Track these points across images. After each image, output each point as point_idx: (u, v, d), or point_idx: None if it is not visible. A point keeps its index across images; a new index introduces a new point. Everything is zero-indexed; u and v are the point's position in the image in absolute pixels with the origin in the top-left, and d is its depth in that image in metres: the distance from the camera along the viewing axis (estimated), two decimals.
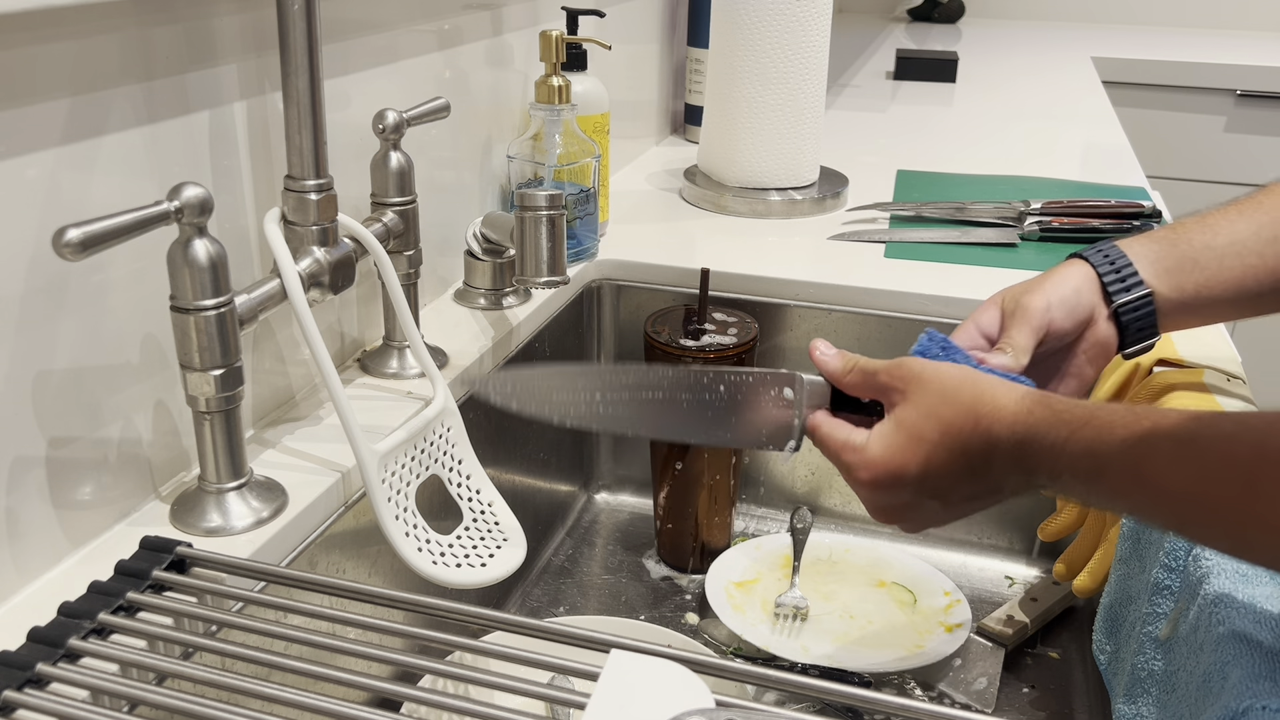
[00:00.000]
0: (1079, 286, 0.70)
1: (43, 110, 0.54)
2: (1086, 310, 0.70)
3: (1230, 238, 0.69)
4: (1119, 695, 0.71)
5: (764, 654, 0.86)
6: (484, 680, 0.45)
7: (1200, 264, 0.69)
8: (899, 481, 0.61)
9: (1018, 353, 0.67)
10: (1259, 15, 2.74)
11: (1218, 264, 0.69)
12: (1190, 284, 0.70)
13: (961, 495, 0.61)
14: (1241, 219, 0.70)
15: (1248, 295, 0.69)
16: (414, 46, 0.86)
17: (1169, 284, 0.70)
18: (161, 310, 0.60)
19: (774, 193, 1.22)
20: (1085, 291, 0.71)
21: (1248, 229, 0.69)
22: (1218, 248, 0.69)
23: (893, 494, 0.62)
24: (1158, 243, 0.71)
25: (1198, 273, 0.70)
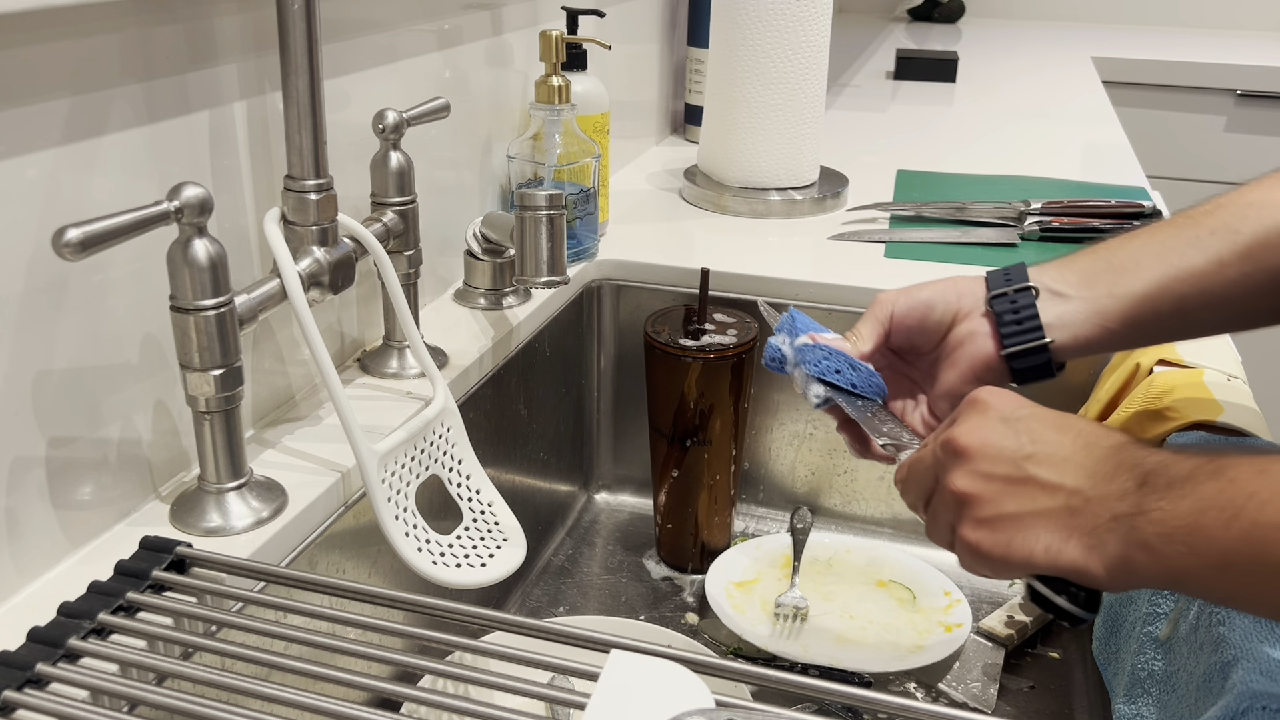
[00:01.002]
0: (949, 286, 0.68)
1: (43, 110, 0.54)
2: (944, 308, 0.67)
3: (1148, 240, 0.64)
4: (1119, 695, 0.71)
5: (764, 654, 0.86)
6: (484, 680, 0.45)
7: (1114, 266, 0.64)
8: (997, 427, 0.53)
9: (858, 339, 0.67)
10: (1259, 15, 2.74)
11: (1133, 263, 0.64)
12: (1102, 284, 0.64)
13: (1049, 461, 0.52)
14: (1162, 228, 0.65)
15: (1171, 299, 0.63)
16: (414, 46, 0.86)
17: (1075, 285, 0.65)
18: (161, 310, 0.60)
19: (774, 193, 1.22)
20: (953, 291, 0.67)
21: (1168, 233, 0.64)
22: (1132, 249, 0.64)
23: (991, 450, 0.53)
24: (1070, 257, 0.67)
25: (1110, 273, 0.64)
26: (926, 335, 0.68)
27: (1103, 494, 0.49)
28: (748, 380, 0.95)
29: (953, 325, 0.67)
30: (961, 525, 0.53)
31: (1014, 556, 0.51)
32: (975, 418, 0.54)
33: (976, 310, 0.66)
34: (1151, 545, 0.47)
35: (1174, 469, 0.48)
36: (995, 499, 0.52)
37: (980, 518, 0.52)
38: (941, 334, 0.67)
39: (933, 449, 0.56)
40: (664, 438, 0.96)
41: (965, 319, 0.66)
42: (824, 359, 0.65)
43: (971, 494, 0.53)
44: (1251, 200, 0.63)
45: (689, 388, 0.93)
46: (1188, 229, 0.63)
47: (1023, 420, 0.53)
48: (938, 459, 0.55)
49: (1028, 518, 0.51)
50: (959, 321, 0.67)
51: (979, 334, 0.65)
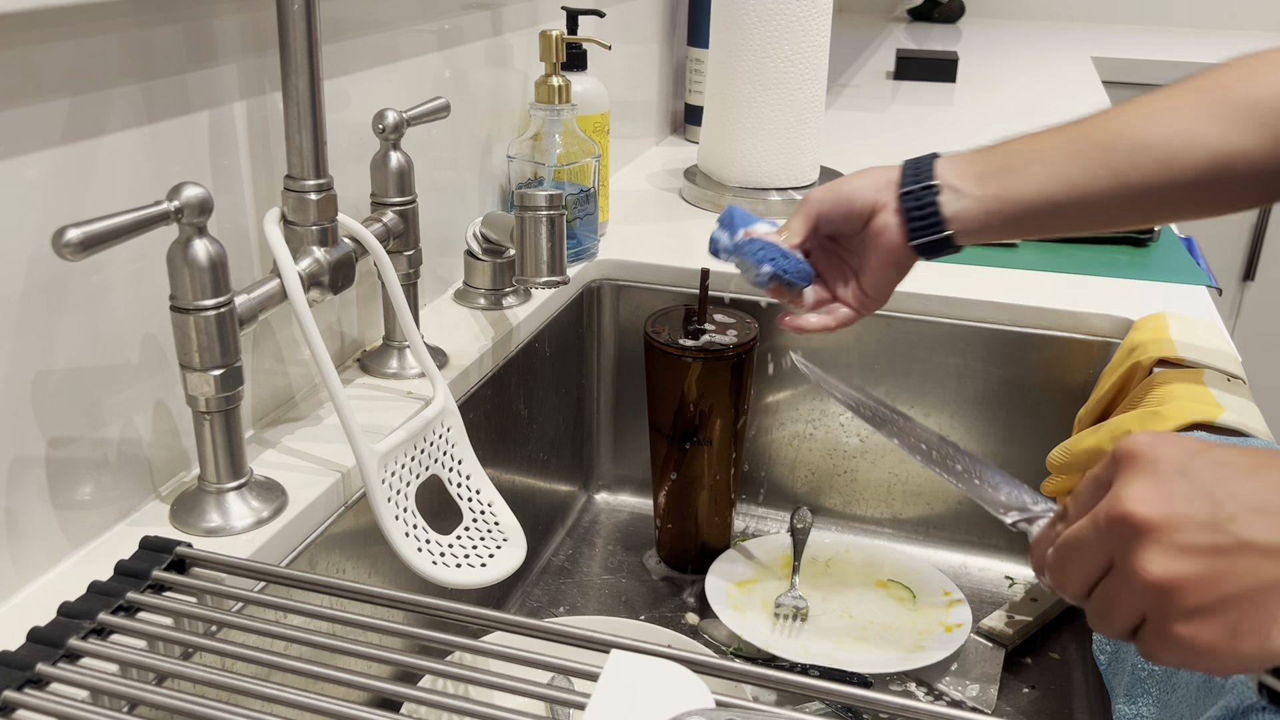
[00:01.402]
0: (869, 178, 0.75)
1: (43, 110, 0.54)
2: (864, 200, 0.74)
3: (1039, 147, 0.71)
4: (1119, 695, 0.71)
5: (764, 654, 0.86)
6: (484, 680, 0.45)
7: (1006, 169, 0.71)
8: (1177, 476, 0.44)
9: (790, 233, 0.76)
10: (1259, 15, 2.74)
11: (1021, 168, 0.70)
12: (992, 185, 0.71)
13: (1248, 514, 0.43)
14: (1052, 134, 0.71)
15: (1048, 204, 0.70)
16: (414, 46, 0.86)
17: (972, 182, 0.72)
18: (161, 310, 0.60)
19: (774, 193, 1.22)
20: (871, 184, 0.74)
21: (1054, 142, 0.70)
22: (1025, 156, 0.71)
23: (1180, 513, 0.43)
24: (977, 150, 0.74)
25: (1002, 175, 0.71)
26: (850, 224, 0.75)
27: None
28: (748, 380, 0.95)
29: (871, 216, 0.74)
30: (1165, 620, 0.43)
31: (1245, 648, 0.42)
32: (1144, 479, 0.44)
33: (890, 204, 0.73)
34: None
35: None
36: (1207, 582, 0.42)
37: (1189, 607, 0.42)
38: (862, 223, 0.75)
39: (1093, 523, 0.46)
40: (664, 438, 0.96)
41: (881, 211, 0.74)
42: (760, 250, 0.75)
43: (1175, 580, 0.42)
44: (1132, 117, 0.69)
45: (689, 388, 0.93)
46: (1074, 140, 0.70)
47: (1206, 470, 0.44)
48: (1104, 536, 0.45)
49: (1255, 595, 0.41)
50: (876, 213, 0.74)
51: (891, 226, 0.73)
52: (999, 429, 1.01)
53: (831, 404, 1.04)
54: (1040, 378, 0.98)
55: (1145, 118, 0.69)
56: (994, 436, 1.01)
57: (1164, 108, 0.69)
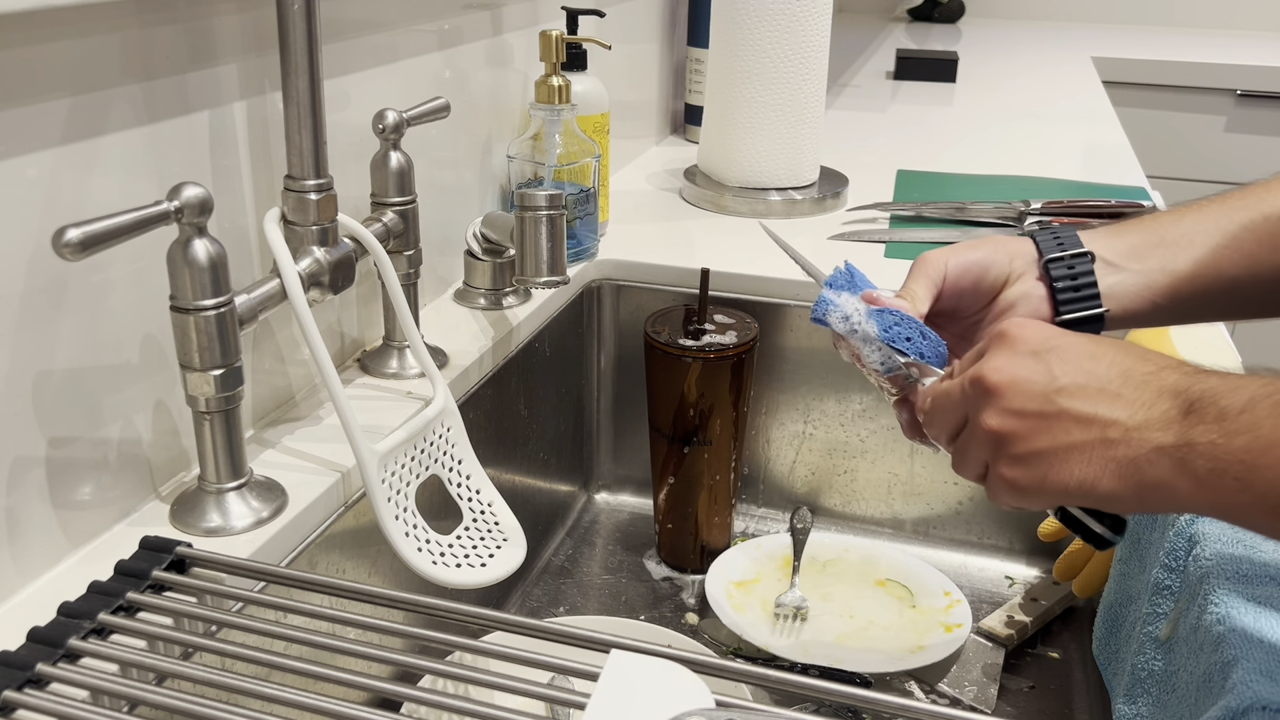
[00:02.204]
0: (1001, 246, 0.66)
1: (43, 110, 0.54)
2: (998, 270, 0.65)
3: (1200, 218, 0.65)
4: (1119, 695, 0.71)
5: (764, 654, 0.86)
6: (484, 680, 0.45)
7: (1165, 241, 0.64)
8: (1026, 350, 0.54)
9: (914, 300, 0.64)
10: (1259, 15, 2.74)
11: (1186, 241, 0.64)
12: (1154, 258, 0.64)
13: (1077, 387, 0.51)
14: (1213, 205, 0.65)
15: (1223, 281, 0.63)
16: (414, 46, 0.86)
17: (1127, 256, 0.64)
18: (161, 310, 0.60)
19: (774, 193, 1.22)
20: (1003, 253, 0.66)
21: (1220, 212, 0.64)
22: (1185, 227, 0.65)
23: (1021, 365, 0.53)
24: (1118, 225, 0.67)
25: (1163, 248, 0.64)
26: (978, 297, 0.66)
27: (1142, 423, 0.49)
28: (748, 380, 0.95)
29: (1004, 288, 0.65)
30: (996, 463, 0.53)
31: (1048, 490, 0.52)
32: (1004, 353, 0.54)
33: (1029, 273, 0.65)
34: (1200, 477, 0.46)
35: (1226, 399, 0.47)
36: (1028, 436, 0.52)
37: (1014, 454, 0.52)
38: (992, 296, 0.66)
39: (960, 384, 0.55)
40: (664, 438, 0.96)
41: (1018, 281, 0.65)
42: (894, 325, 0.61)
43: (1004, 432, 0.52)
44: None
45: (689, 388, 0.93)
46: (1241, 210, 0.63)
47: (1053, 352, 0.53)
48: (966, 395, 0.55)
49: (1062, 451, 0.51)
50: (1011, 284, 0.65)
51: (1033, 297, 0.64)
52: None
53: (831, 404, 1.04)
54: None
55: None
56: None
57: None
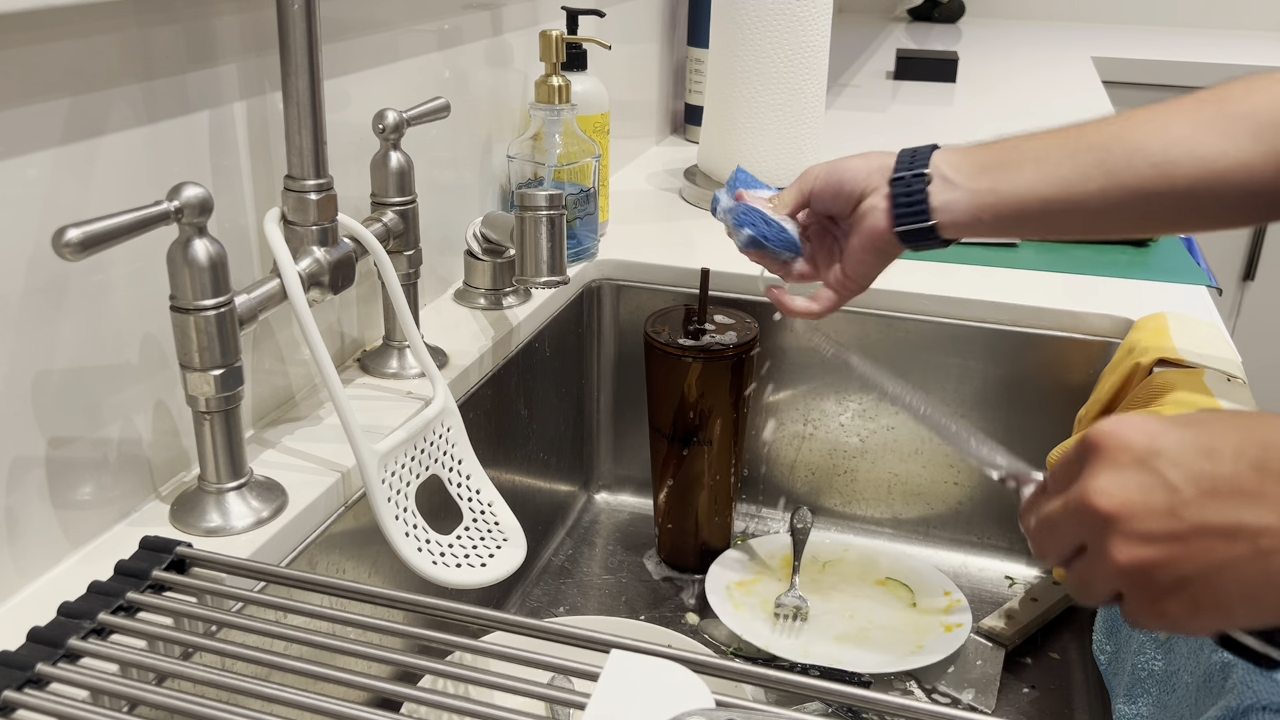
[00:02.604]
0: (865, 161, 0.74)
1: (43, 110, 0.54)
2: (855, 181, 0.74)
3: (1037, 145, 0.70)
4: (1119, 695, 0.71)
5: (764, 654, 0.86)
6: (484, 680, 0.45)
7: (1003, 163, 0.70)
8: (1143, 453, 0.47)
9: (780, 202, 0.77)
10: (1259, 15, 2.74)
11: (1016, 165, 0.69)
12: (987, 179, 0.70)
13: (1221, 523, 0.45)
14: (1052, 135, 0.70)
15: (1037, 202, 0.69)
16: (414, 46, 0.86)
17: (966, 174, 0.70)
18: (161, 310, 0.60)
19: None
20: (865, 167, 0.74)
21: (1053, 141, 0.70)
22: (1022, 152, 0.70)
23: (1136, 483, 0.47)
24: (978, 145, 0.73)
25: (998, 170, 0.70)
26: (840, 204, 0.75)
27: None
28: (748, 380, 0.95)
29: (861, 198, 0.74)
30: (1140, 597, 0.47)
31: (1205, 618, 0.45)
32: (1105, 470, 0.47)
33: (880, 189, 0.73)
34: None
35: None
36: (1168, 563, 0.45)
37: (1159, 587, 0.46)
38: (852, 205, 0.74)
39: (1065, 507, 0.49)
40: (664, 438, 0.96)
41: (870, 194, 0.73)
42: (744, 213, 0.76)
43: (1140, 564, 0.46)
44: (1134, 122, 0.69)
45: (689, 388, 0.93)
46: (1072, 140, 0.69)
47: (1161, 456, 0.46)
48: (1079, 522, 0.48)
49: (1213, 573, 0.44)
50: (865, 196, 0.73)
51: (877, 209, 0.72)
52: (999, 429, 1.00)
53: (831, 404, 1.04)
54: (1040, 378, 0.98)
55: (1144, 123, 0.69)
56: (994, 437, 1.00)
57: (1163, 115, 0.69)
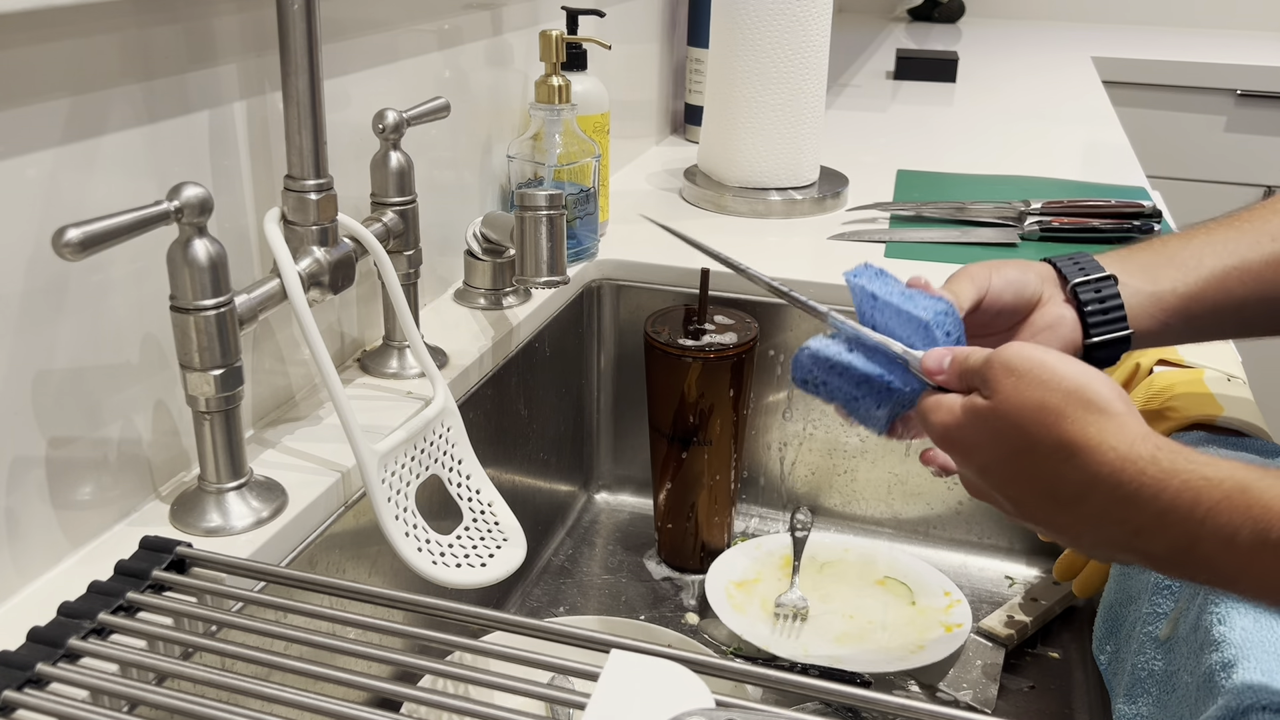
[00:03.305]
0: (1028, 268, 0.67)
1: (43, 110, 0.54)
2: (1033, 289, 0.66)
3: (1207, 239, 0.67)
4: (1119, 695, 0.71)
5: (764, 654, 0.86)
6: (484, 680, 0.45)
7: (1175, 261, 0.66)
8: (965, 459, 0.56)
9: (959, 298, 0.63)
10: (1259, 15, 2.74)
11: (1195, 261, 0.66)
12: (1165, 279, 0.66)
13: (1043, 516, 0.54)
14: (1221, 227, 0.67)
15: (1232, 302, 0.65)
16: (414, 46, 0.86)
17: (1139, 276, 0.66)
18: (161, 310, 0.60)
19: (774, 193, 1.22)
20: (1033, 274, 0.67)
21: (1228, 234, 0.66)
22: (1194, 247, 0.66)
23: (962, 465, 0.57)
24: (1128, 248, 0.69)
25: (1173, 269, 0.66)
26: (1014, 313, 0.67)
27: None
28: (748, 380, 0.95)
29: (1035, 308, 0.66)
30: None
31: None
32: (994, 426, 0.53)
33: (1057, 296, 0.66)
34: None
35: None
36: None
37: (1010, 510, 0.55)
38: (1025, 314, 0.67)
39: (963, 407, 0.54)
40: (664, 438, 0.96)
41: (1048, 303, 0.66)
42: (942, 314, 0.60)
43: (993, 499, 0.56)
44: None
45: (689, 388, 0.93)
46: (1249, 232, 0.65)
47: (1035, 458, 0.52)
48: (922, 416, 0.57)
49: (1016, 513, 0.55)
50: (1042, 305, 0.66)
51: (1066, 320, 0.65)
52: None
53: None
54: None
55: None
56: None
57: None
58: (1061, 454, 0.50)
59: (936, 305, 0.60)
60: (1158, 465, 0.48)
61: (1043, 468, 0.51)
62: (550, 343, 1.00)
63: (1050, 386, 0.51)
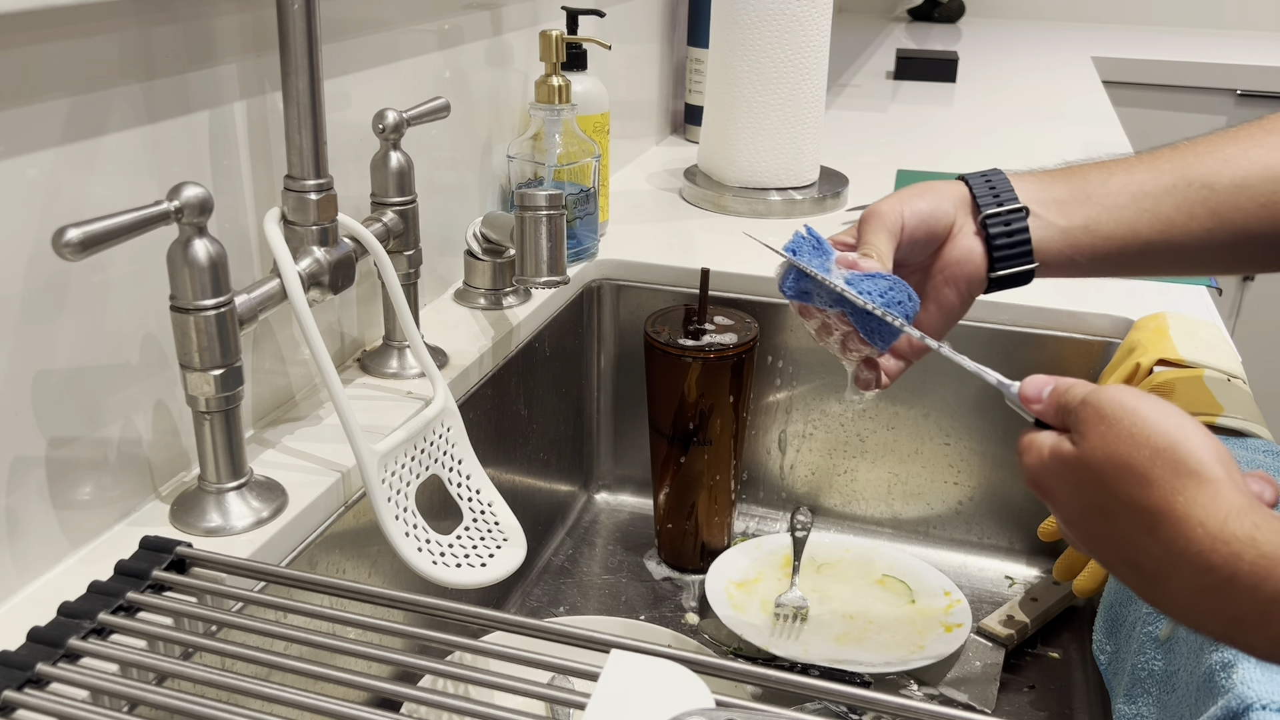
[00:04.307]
0: (942, 196, 0.65)
1: (43, 110, 0.54)
2: (945, 220, 0.65)
3: (1127, 179, 0.65)
4: (1119, 695, 0.71)
5: (764, 654, 0.86)
6: (484, 680, 0.45)
7: (1092, 199, 0.64)
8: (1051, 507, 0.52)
9: (881, 256, 0.62)
10: (1259, 15, 2.74)
11: (1111, 201, 0.64)
12: (1079, 215, 0.64)
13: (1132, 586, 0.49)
14: (1141, 165, 0.65)
15: (1138, 243, 0.64)
16: (414, 46, 0.86)
17: (1054, 209, 0.64)
18: (161, 310, 0.60)
19: (774, 193, 1.22)
20: (947, 202, 0.65)
21: (1147, 175, 0.64)
22: (1113, 186, 0.65)
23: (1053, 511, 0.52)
24: (1049, 173, 0.67)
25: (1088, 206, 0.64)
26: (927, 246, 0.65)
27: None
28: (748, 380, 0.95)
29: (948, 240, 0.65)
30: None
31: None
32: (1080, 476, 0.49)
33: (968, 226, 0.65)
34: None
35: None
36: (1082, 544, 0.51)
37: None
38: (938, 245, 0.66)
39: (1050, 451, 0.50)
40: (664, 438, 0.96)
41: (959, 234, 0.65)
42: (889, 289, 0.59)
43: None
44: (1229, 154, 0.64)
45: (689, 388, 0.93)
46: (1167, 173, 0.64)
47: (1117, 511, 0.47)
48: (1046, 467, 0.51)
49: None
50: (953, 236, 0.65)
51: (974, 253, 0.64)
52: (999, 429, 1.01)
53: (832, 404, 1.04)
54: None
55: (1242, 157, 0.63)
56: (994, 437, 1.01)
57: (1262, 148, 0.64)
58: (1143, 523, 0.45)
59: (877, 285, 0.59)
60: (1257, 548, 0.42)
61: (1123, 534, 0.47)
62: (550, 343, 1.00)
63: (1138, 441, 0.46)
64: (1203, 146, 0.65)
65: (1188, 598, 0.44)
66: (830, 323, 0.62)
